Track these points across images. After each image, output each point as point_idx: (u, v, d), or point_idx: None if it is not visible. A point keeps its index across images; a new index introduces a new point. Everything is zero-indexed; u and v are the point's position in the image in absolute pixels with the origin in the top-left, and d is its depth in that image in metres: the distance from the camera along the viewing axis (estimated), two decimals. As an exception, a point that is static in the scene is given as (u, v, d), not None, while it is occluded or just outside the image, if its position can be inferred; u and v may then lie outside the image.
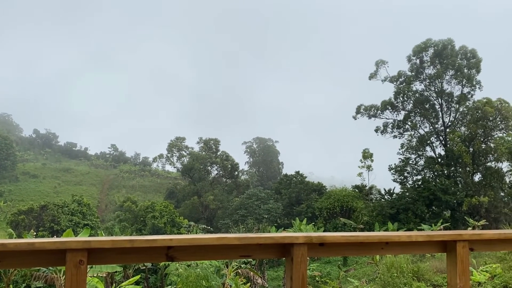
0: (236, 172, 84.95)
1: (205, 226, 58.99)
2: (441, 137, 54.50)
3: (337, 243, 2.38)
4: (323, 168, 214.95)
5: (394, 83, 55.93)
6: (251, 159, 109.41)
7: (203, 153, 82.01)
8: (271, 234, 2.23)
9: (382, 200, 56.12)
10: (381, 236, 2.47)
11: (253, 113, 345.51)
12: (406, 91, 54.82)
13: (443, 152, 53.49)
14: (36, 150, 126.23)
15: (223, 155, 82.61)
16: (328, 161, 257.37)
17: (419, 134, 55.20)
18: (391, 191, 55.19)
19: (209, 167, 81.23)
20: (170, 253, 2.11)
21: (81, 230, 46.18)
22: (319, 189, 65.93)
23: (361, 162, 59.09)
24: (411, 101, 55.21)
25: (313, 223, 52.09)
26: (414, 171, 54.09)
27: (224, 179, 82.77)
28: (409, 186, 52.98)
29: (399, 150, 55.03)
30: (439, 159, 53.11)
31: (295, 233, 2.24)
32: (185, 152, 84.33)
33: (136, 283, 23.64)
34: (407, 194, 51.14)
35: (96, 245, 1.96)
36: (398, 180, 54.02)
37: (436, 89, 54.36)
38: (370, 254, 2.94)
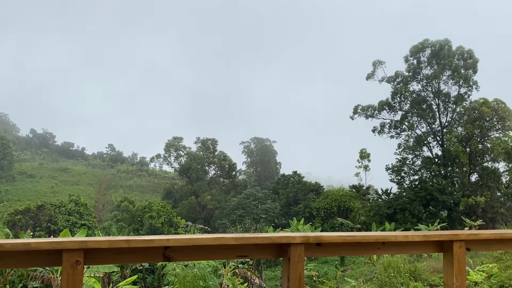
0: (234, 172, 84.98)
1: (203, 226, 58.96)
2: (438, 137, 54.64)
3: (334, 243, 2.38)
4: (321, 168, 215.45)
5: (391, 83, 56.06)
6: (249, 159, 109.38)
7: (201, 153, 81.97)
8: (268, 234, 2.23)
9: (379, 200, 56.25)
10: (378, 236, 2.47)
11: (250, 113, 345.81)
12: (403, 92, 54.95)
13: (440, 152, 53.65)
14: (33, 150, 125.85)
15: (221, 155, 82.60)
16: (326, 161, 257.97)
17: (416, 134, 55.36)
18: (388, 191, 55.32)
19: (206, 167, 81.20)
20: (167, 253, 2.10)
21: (78, 230, 46.02)
22: (316, 189, 65.98)
23: (359, 162, 59.26)
24: (408, 102, 55.34)
25: (311, 223, 52.14)
26: (411, 171, 54.24)
27: (222, 179, 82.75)
28: (406, 186, 53.11)
29: (396, 150, 55.23)
30: (436, 159, 53.25)
31: (292, 233, 2.24)
32: (183, 152, 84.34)
33: (133, 283, 23.60)
34: (404, 194, 51.26)
35: (93, 245, 1.96)
36: (395, 180, 54.17)
37: (433, 90, 54.50)
38: (367, 254, 2.94)
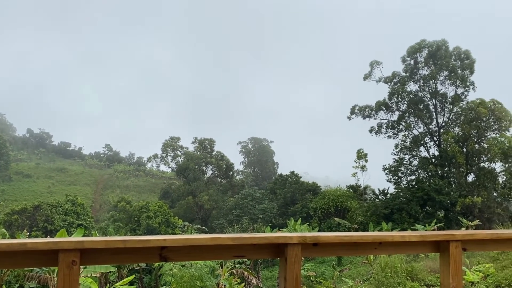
0: (231, 172, 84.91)
1: (200, 226, 58.88)
2: (435, 138, 54.77)
3: (331, 243, 2.39)
4: (318, 168, 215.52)
5: (389, 83, 56.14)
6: (246, 159, 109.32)
7: (198, 153, 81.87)
8: (265, 234, 2.22)
9: (376, 200, 56.33)
10: (375, 236, 2.47)
11: (248, 113, 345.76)
12: (400, 92, 55.04)
13: (437, 153, 53.78)
14: (29, 150, 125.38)
15: (218, 155, 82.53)
16: (323, 161, 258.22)
17: (413, 135, 55.46)
18: (385, 191, 55.40)
19: (204, 167, 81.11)
20: (163, 253, 2.10)
21: (75, 230, 45.91)
22: (313, 189, 66.01)
23: (356, 162, 59.28)
24: (405, 102, 55.43)
25: (308, 223, 52.18)
26: (408, 172, 54.33)
27: (219, 179, 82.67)
28: (403, 186, 53.20)
29: (393, 150, 55.29)
30: (433, 160, 53.37)
31: (289, 233, 2.24)
32: (180, 152, 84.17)
33: (130, 283, 23.55)
34: (401, 194, 51.35)
35: (89, 245, 1.95)
36: (392, 180, 54.24)
37: (430, 90, 54.62)
38: (364, 254, 2.95)
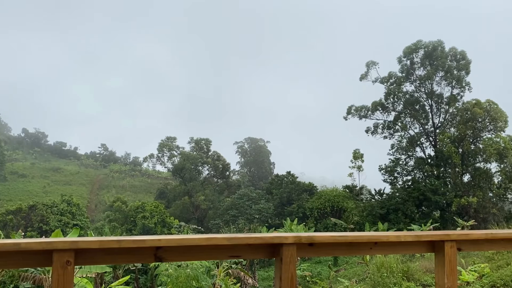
0: (228, 172, 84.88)
1: (196, 227, 58.77)
2: (431, 138, 54.98)
3: (327, 243, 2.38)
4: (314, 168, 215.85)
5: (385, 84, 56.32)
6: (243, 159, 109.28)
7: (194, 153, 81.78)
8: (260, 234, 2.22)
9: (373, 200, 56.50)
10: (370, 236, 2.48)
11: (244, 113, 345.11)
12: (397, 92, 55.23)
13: (432, 153, 53.98)
14: (25, 150, 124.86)
15: (215, 155, 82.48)
16: (319, 161, 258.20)
17: (409, 135, 55.64)
18: (381, 192, 55.57)
19: (200, 167, 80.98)
20: (158, 253, 2.09)
21: (70, 230, 45.70)
22: (310, 189, 66.07)
23: (352, 163, 59.45)
24: (401, 102, 55.62)
25: (304, 223, 52.20)
26: (404, 172, 54.53)
27: (215, 179, 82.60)
28: (399, 186, 53.38)
29: (389, 150, 55.49)
30: (429, 160, 53.56)
31: (284, 233, 2.23)
32: (176, 152, 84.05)
33: (126, 284, 23.51)
34: (397, 194, 51.52)
35: (84, 245, 1.94)
36: (388, 180, 54.42)
37: (426, 90, 54.83)
38: (359, 254, 2.95)
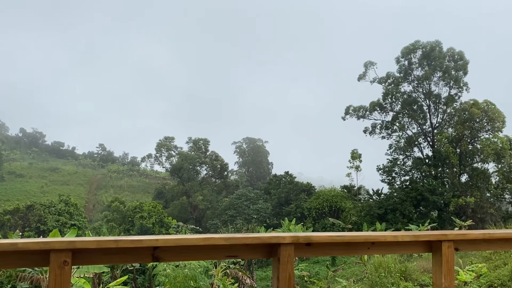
0: (226, 172, 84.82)
1: (194, 227, 58.71)
2: (428, 138, 55.07)
3: (324, 243, 2.39)
4: (312, 168, 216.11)
5: (383, 84, 56.37)
6: (241, 159, 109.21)
7: (192, 153, 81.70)
8: (258, 234, 2.22)
9: (370, 200, 56.55)
10: (368, 236, 2.48)
11: (243, 113, 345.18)
12: (395, 92, 55.30)
13: (430, 153, 54.08)
14: (22, 149, 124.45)
15: (213, 155, 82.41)
16: (317, 161, 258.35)
17: (407, 135, 55.72)
18: (379, 192, 55.62)
19: (198, 167, 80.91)
20: (156, 253, 2.09)
21: (68, 230, 45.62)
22: (308, 189, 66.09)
23: (350, 163, 59.46)
24: (399, 102, 55.69)
25: (302, 223, 52.19)
26: (402, 172, 54.59)
27: (214, 179, 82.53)
28: (397, 186, 53.44)
29: (387, 150, 55.53)
30: (427, 160, 53.65)
31: (282, 233, 2.24)
32: (174, 152, 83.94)
33: (124, 284, 23.45)
34: (395, 194, 51.58)
35: (81, 245, 1.94)
36: (386, 180, 54.47)
37: (424, 91, 54.92)
38: (357, 254, 2.95)
